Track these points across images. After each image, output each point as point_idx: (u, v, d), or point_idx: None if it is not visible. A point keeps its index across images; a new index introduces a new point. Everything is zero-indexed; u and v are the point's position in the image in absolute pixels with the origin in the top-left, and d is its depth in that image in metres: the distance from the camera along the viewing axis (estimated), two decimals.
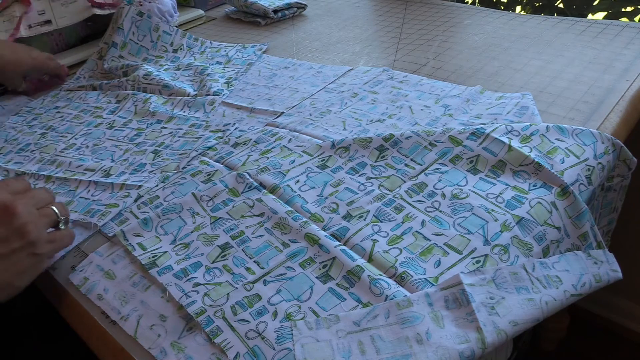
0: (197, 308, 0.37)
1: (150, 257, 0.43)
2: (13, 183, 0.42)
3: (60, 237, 0.43)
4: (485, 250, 0.38)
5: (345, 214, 0.44)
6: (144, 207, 0.49)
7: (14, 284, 0.38)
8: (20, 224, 0.38)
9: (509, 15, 0.83)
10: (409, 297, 0.35)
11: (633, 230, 0.96)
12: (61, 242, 0.43)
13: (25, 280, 0.39)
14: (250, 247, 0.42)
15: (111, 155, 0.59)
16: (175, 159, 0.56)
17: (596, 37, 0.70)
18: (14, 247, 0.38)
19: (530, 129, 0.48)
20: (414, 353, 0.32)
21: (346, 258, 0.39)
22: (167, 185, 0.52)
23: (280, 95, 0.68)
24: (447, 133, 0.49)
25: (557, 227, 0.41)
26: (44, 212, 0.42)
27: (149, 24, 0.85)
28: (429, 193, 0.45)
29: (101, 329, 0.38)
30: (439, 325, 0.33)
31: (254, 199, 0.47)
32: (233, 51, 0.84)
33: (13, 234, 0.38)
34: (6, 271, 0.37)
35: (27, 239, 0.38)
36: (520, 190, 0.43)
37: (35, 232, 0.39)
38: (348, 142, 0.52)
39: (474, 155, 0.47)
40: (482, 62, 0.68)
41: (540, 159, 0.44)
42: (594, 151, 0.46)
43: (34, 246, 0.39)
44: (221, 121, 0.63)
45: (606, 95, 0.56)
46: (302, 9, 0.99)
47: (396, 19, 0.89)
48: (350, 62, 0.75)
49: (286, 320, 0.36)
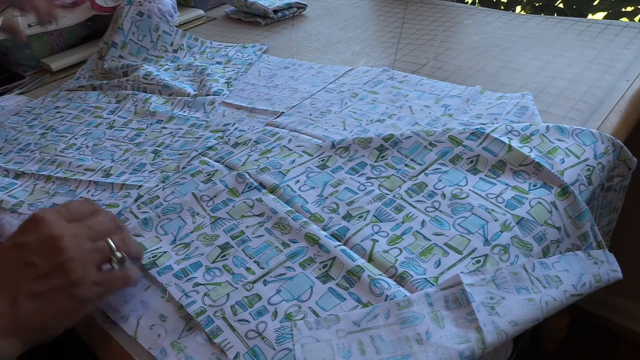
0: (197, 308, 0.37)
1: (150, 257, 0.43)
2: (76, 207, 0.37)
3: (110, 280, 0.36)
4: (486, 250, 0.38)
5: (345, 214, 0.44)
6: (144, 207, 0.49)
7: (48, 327, 0.33)
8: (64, 259, 0.33)
9: (509, 15, 0.83)
10: (409, 297, 0.35)
11: (633, 230, 0.96)
12: (111, 284, 0.36)
13: (63, 324, 0.34)
14: (250, 247, 0.42)
15: (111, 155, 0.59)
16: (175, 158, 0.56)
17: (596, 37, 0.70)
18: (54, 286, 0.32)
19: (530, 129, 0.48)
20: (414, 353, 0.32)
21: (346, 258, 0.39)
22: (167, 185, 0.52)
23: (280, 95, 0.68)
24: (447, 133, 0.49)
25: (557, 227, 0.41)
26: (97, 246, 0.35)
27: (149, 24, 0.85)
28: (429, 193, 0.45)
29: (101, 329, 0.38)
30: (439, 325, 0.33)
31: (254, 199, 0.47)
32: (233, 51, 0.84)
33: (54, 270, 0.33)
34: (42, 312, 0.32)
35: (70, 277, 0.33)
36: (520, 190, 0.43)
37: (80, 271, 0.33)
38: (348, 142, 0.52)
39: (474, 155, 0.47)
40: (482, 62, 0.68)
41: (540, 159, 0.44)
42: (594, 151, 0.46)
43: (76, 287, 0.33)
44: (221, 121, 0.63)
45: (606, 95, 0.56)
46: (302, 9, 0.99)
47: (396, 19, 0.89)
48: (350, 62, 0.75)
49: (286, 320, 0.35)
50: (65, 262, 0.33)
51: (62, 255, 0.33)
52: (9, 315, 0.31)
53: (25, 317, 0.32)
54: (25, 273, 0.32)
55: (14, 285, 0.32)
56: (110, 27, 0.85)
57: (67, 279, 0.33)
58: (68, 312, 0.33)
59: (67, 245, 0.33)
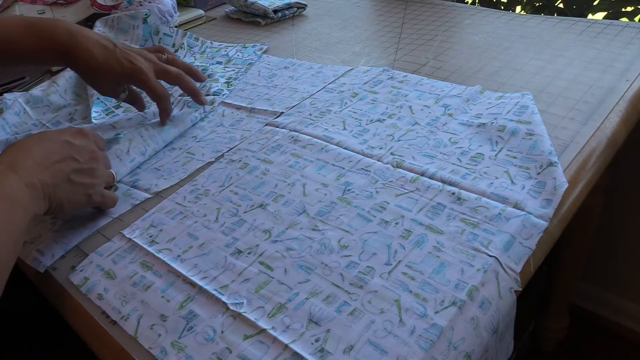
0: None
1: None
2: (100, 141, 0.49)
3: (109, 197, 0.49)
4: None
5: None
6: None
7: (63, 206, 0.43)
8: (96, 167, 0.46)
9: (509, 15, 0.83)
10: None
11: (633, 231, 0.97)
12: (109, 200, 0.49)
13: (71, 209, 0.45)
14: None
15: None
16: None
17: (596, 37, 0.70)
18: (83, 181, 0.44)
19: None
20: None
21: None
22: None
23: (280, 95, 0.68)
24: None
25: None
26: (108, 172, 0.50)
27: (149, 29, 0.85)
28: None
29: (101, 329, 0.38)
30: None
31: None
32: (233, 51, 0.84)
33: (89, 172, 0.45)
34: (66, 194, 0.43)
35: (94, 180, 0.46)
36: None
37: (101, 180, 0.47)
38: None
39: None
40: (482, 62, 0.68)
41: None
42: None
43: (93, 189, 0.46)
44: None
45: (606, 95, 0.56)
46: (302, 9, 0.99)
47: (396, 19, 0.89)
48: (350, 62, 0.75)
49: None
50: (96, 170, 0.46)
51: (97, 163, 0.46)
52: (48, 187, 0.41)
53: (57, 193, 0.42)
54: (70, 164, 0.43)
55: (58, 169, 0.42)
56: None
57: (92, 180, 0.45)
58: (78, 203, 0.45)
59: (99, 159, 0.47)
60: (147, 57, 0.58)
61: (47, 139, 0.44)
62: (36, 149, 0.42)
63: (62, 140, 0.44)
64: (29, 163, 0.40)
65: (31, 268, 0.45)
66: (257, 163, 0.53)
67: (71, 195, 0.43)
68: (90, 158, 0.45)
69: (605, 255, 1.03)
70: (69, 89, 0.73)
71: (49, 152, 0.42)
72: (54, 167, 0.42)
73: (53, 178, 0.41)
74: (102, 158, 0.48)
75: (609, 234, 0.99)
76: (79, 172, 0.44)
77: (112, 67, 0.54)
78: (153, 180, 0.54)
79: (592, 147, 0.49)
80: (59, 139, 0.44)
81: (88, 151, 0.46)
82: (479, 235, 0.40)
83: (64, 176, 0.42)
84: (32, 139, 0.43)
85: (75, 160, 0.44)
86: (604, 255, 1.03)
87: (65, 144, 0.44)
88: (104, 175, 0.48)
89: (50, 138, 0.44)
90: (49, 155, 0.42)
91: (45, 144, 0.43)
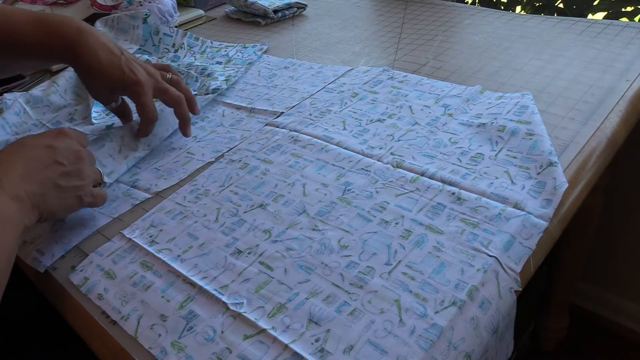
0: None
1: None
2: (82, 137, 0.47)
3: (99, 195, 0.48)
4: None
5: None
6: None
7: (55, 213, 0.43)
8: (83, 167, 0.44)
9: (509, 15, 0.83)
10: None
11: (633, 231, 0.96)
12: (99, 198, 0.48)
13: (63, 214, 0.46)
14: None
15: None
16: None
17: (596, 37, 0.70)
18: (72, 185, 0.43)
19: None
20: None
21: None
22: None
23: (280, 95, 0.68)
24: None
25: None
26: (95, 170, 0.48)
27: (149, 29, 0.85)
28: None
29: (101, 329, 0.38)
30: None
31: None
32: (233, 51, 0.84)
33: (76, 173, 0.43)
34: (57, 200, 0.42)
35: (83, 182, 0.44)
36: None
37: (89, 180, 0.46)
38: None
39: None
40: (482, 62, 0.68)
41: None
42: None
43: (83, 190, 0.44)
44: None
45: (606, 95, 0.56)
46: (302, 9, 0.99)
47: (396, 19, 0.89)
48: (350, 62, 0.75)
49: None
50: (82, 170, 0.44)
51: (83, 163, 0.44)
52: (35, 197, 0.40)
53: (46, 201, 0.41)
54: (55, 169, 0.42)
55: (44, 176, 0.41)
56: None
57: (81, 182, 0.44)
58: (70, 207, 0.45)
59: (85, 158, 0.45)
60: (150, 71, 0.56)
61: (28, 145, 0.42)
62: (18, 160, 0.40)
63: (44, 145, 0.42)
64: (12, 175, 0.39)
65: (31, 268, 0.45)
66: (257, 163, 0.54)
67: (61, 200, 0.42)
68: (75, 159, 0.44)
69: (605, 255, 1.03)
70: (69, 89, 0.73)
71: (31, 160, 0.41)
72: (39, 175, 0.40)
73: (40, 187, 0.40)
74: (87, 156, 0.46)
75: (609, 234, 0.99)
76: (66, 175, 0.42)
77: (112, 73, 0.53)
78: (153, 180, 0.54)
79: (592, 147, 0.49)
80: (40, 144, 0.42)
81: (72, 152, 0.44)
82: (479, 235, 0.40)
83: (51, 183, 0.41)
84: (12, 149, 0.41)
85: (60, 164, 0.42)
86: (604, 255, 1.03)
87: (47, 148, 0.42)
88: (92, 174, 0.47)
89: (31, 144, 0.42)
90: (32, 163, 0.40)
91: (26, 153, 0.41)
